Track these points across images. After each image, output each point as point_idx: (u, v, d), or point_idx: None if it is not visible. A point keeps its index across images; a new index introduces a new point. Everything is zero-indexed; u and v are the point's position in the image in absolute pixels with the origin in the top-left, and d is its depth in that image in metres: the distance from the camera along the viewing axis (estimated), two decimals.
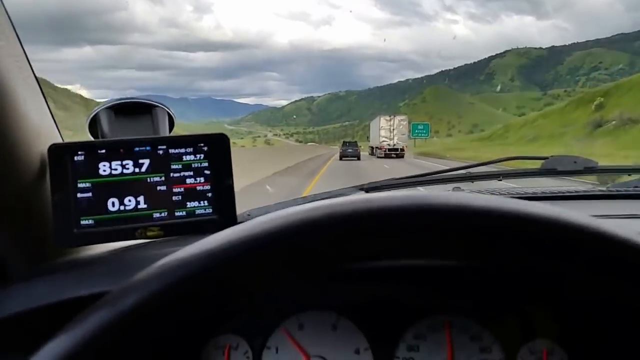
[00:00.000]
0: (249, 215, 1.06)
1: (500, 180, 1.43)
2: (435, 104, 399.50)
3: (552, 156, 1.34)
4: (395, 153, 45.89)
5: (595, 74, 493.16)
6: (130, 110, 0.87)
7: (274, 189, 12.68)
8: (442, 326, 0.77)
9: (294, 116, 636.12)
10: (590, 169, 1.30)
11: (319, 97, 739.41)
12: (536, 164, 1.38)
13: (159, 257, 0.36)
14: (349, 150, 35.94)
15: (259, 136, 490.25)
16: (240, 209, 0.86)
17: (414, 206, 0.35)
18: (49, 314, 0.64)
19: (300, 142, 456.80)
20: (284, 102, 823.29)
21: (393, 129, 47.17)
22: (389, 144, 46.85)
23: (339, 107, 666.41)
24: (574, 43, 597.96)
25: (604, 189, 1.37)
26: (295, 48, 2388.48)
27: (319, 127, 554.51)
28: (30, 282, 0.69)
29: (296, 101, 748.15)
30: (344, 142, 40.22)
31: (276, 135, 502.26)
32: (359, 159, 35.62)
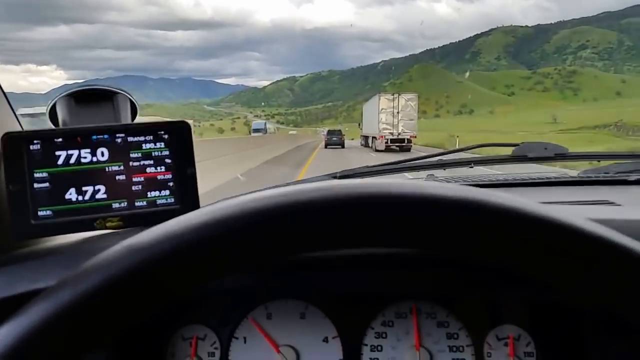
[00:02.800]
0: None
1: (472, 167, 1.45)
2: (423, 83, 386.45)
3: (523, 142, 1.36)
4: (399, 145, 32.79)
5: (583, 53, 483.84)
6: (91, 97, 0.84)
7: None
8: (409, 313, 0.78)
9: (262, 103, 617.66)
10: (560, 155, 1.32)
11: (301, 77, 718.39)
12: (508, 151, 1.40)
13: None
14: (334, 138, 38.48)
15: (238, 117, 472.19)
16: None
17: (342, 197, 0.35)
18: (5, 307, 0.61)
19: (282, 123, 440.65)
20: (266, 83, 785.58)
21: (397, 112, 33.82)
22: (391, 133, 33.48)
23: (322, 88, 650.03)
24: (560, 21, 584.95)
25: (575, 175, 1.38)
26: (277, 27, 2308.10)
27: (301, 108, 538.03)
28: None
29: (278, 81, 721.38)
30: (328, 131, 42.65)
31: (257, 116, 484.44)
32: (343, 146, 37.41)
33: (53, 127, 0.85)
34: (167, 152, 0.78)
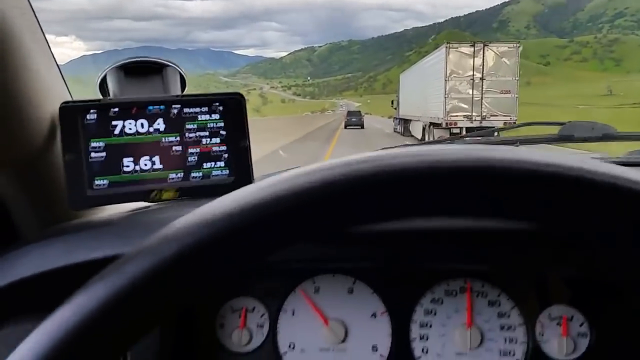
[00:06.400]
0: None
1: (517, 146, 1.37)
2: None
3: (569, 122, 1.31)
4: (481, 136, 15.23)
5: (620, 21, 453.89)
6: (141, 70, 0.85)
7: None
8: (459, 291, 0.77)
9: (281, 74, 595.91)
10: (608, 136, 1.28)
11: (319, 47, 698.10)
12: (553, 130, 1.36)
13: (174, 219, 0.35)
14: (353, 119, 39.80)
15: (254, 89, 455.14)
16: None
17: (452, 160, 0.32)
18: (62, 276, 0.63)
19: (299, 95, 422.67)
20: (284, 54, 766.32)
21: (481, 78, 17.09)
22: (468, 116, 17.18)
23: (341, 58, 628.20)
24: None
25: (621, 155, 1.29)
26: None
27: (319, 79, 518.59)
28: (44, 244, 0.68)
29: (295, 52, 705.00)
30: (348, 112, 44.74)
31: (273, 88, 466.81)
32: (362, 127, 38.53)
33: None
34: (221, 124, 0.79)
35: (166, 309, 0.34)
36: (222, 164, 0.80)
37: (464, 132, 16.37)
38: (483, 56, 17.10)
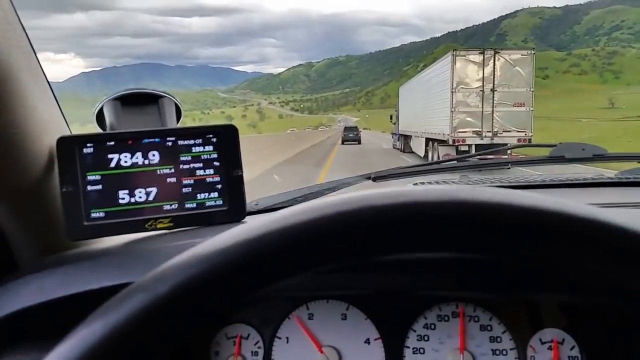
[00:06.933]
0: (256, 204, 1.08)
1: (509, 168, 1.43)
2: None
3: (560, 143, 1.34)
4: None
5: (617, 34, 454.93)
6: (137, 101, 0.87)
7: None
8: (451, 315, 0.78)
9: (279, 88, 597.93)
10: (599, 156, 1.30)
11: (317, 62, 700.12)
12: (545, 152, 1.36)
13: (170, 248, 0.37)
14: (350, 135, 39.51)
15: (251, 104, 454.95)
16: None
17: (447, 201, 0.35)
18: (60, 306, 0.64)
19: (297, 110, 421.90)
20: (282, 70, 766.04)
21: (492, 89, 14.90)
22: (478, 132, 14.93)
23: (339, 73, 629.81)
24: (590, 1, 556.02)
25: (612, 176, 1.33)
26: (294, 12, 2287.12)
27: (318, 94, 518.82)
28: (41, 275, 0.69)
29: (294, 67, 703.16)
30: (345, 127, 44.26)
31: (271, 103, 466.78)
32: (359, 142, 38.33)
33: (101, 130, 0.87)
34: (215, 155, 0.81)
35: (163, 342, 0.34)
36: (215, 194, 0.81)
37: (472, 150, 14.49)
38: (494, 65, 14.90)
